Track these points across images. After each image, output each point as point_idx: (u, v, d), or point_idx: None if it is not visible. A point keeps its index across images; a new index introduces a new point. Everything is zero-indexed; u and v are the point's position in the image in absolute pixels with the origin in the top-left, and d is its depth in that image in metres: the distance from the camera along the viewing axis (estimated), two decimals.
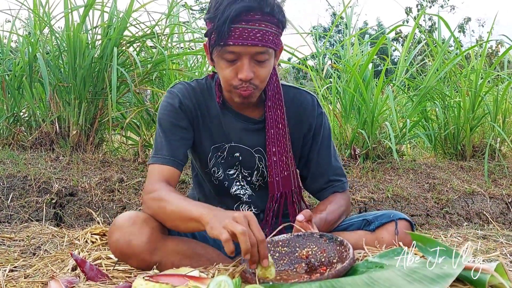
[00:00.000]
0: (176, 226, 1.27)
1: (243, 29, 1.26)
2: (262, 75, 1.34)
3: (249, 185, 1.55)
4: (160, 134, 1.45)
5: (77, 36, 2.85)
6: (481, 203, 2.85)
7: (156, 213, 1.30)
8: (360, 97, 3.22)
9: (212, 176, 1.53)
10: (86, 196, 2.45)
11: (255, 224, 1.06)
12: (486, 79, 3.58)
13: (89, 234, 1.91)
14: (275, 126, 1.46)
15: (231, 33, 1.26)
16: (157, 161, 1.40)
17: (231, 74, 1.32)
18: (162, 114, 1.46)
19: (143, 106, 3.10)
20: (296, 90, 1.56)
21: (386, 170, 3.11)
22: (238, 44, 1.26)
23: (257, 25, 1.27)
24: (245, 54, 1.28)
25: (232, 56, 1.29)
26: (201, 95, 1.49)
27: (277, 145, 1.46)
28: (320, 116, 1.56)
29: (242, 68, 1.29)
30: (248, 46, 1.27)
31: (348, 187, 1.61)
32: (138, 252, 1.25)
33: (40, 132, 2.96)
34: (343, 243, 1.13)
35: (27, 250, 1.78)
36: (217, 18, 1.26)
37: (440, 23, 3.81)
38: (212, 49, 1.33)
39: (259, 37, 1.27)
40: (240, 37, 1.26)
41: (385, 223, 1.46)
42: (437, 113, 3.75)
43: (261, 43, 1.28)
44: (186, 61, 3.55)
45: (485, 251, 2.03)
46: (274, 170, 1.47)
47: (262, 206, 1.56)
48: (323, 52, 3.95)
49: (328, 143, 1.58)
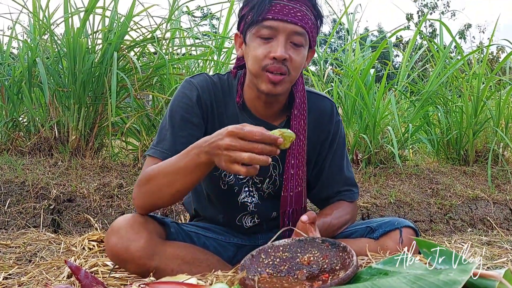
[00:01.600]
0: (180, 186, 1.19)
1: (285, 5, 1.23)
2: (296, 61, 1.27)
3: (258, 191, 1.48)
4: (167, 124, 1.37)
5: (77, 41, 2.83)
6: (484, 209, 2.81)
7: (150, 194, 1.23)
8: (361, 102, 3.19)
9: (222, 180, 1.46)
10: (85, 202, 2.42)
11: (245, 131, 1.03)
12: (488, 84, 3.55)
13: (86, 241, 1.88)
14: (298, 137, 1.38)
15: (271, 7, 1.23)
16: (155, 153, 1.33)
17: (264, 52, 1.25)
18: (176, 105, 1.38)
19: (144, 111, 3.08)
20: (316, 96, 1.50)
21: (388, 175, 3.08)
22: (278, 18, 1.23)
23: (299, 6, 1.25)
24: (282, 31, 1.24)
25: (269, 32, 1.24)
26: (221, 91, 1.41)
27: (297, 157, 1.39)
28: (337, 123, 1.51)
29: (276, 46, 1.24)
30: (287, 22, 1.23)
31: (357, 197, 1.55)
32: (136, 256, 1.21)
33: (39, 138, 2.93)
34: (346, 249, 1.09)
35: (22, 257, 1.75)
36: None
37: (442, 29, 3.79)
38: (246, 30, 1.29)
39: (299, 16, 1.24)
40: (281, 12, 1.23)
41: (389, 231, 1.41)
42: (439, 118, 3.72)
43: (300, 22, 1.24)
44: (188, 66, 3.53)
45: (490, 257, 1.99)
46: (290, 184, 1.40)
47: (266, 216, 1.52)
48: (324, 56, 3.93)
49: (341, 152, 1.52)
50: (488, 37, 3.93)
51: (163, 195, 1.23)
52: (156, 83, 3.15)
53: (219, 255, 1.43)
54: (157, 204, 1.28)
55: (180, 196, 1.24)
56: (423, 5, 25.67)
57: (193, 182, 1.20)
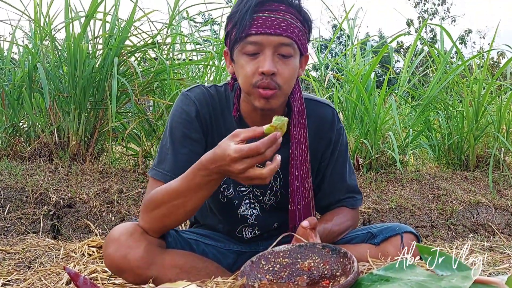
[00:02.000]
0: (192, 205, 1.17)
1: (267, 17, 1.19)
2: (286, 74, 1.22)
3: (259, 204, 1.46)
4: (168, 142, 1.34)
5: (77, 46, 2.83)
6: (486, 214, 2.80)
7: (161, 217, 1.21)
8: (362, 107, 3.19)
9: (221, 193, 1.44)
10: (84, 208, 2.41)
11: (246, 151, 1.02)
12: (489, 89, 3.55)
13: (86, 247, 1.87)
14: (299, 147, 1.34)
15: (253, 21, 1.19)
16: (156, 175, 1.31)
17: (252, 69, 1.21)
18: (175, 122, 1.34)
19: (144, 116, 3.08)
20: (316, 103, 1.46)
21: (389, 181, 3.07)
22: (261, 32, 1.18)
23: (282, 15, 1.20)
24: (268, 45, 1.19)
25: (254, 48, 1.20)
26: (219, 104, 1.38)
27: (300, 168, 1.35)
28: (339, 131, 1.47)
29: (264, 61, 1.19)
30: (271, 35, 1.18)
31: (360, 204, 1.52)
32: (134, 266, 1.19)
33: (39, 143, 2.93)
34: (347, 255, 1.08)
35: (21, 263, 1.74)
36: (238, 11, 1.20)
37: (443, 34, 3.79)
38: (233, 47, 1.25)
39: (283, 26, 1.20)
40: (263, 25, 1.18)
41: (390, 236, 1.38)
42: (440, 123, 3.72)
43: (285, 32, 1.19)
44: (188, 71, 3.53)
45: (492, 263, 1.98)
46: (297, 197, 1.36)
47: (266, 227, 1.50)
48: (325, 61, 3.93)
49: (343, 160, 1.49)
50: (489, 43, 3.95)
51: (176, 217, 1.21)
52: (156, 88, 3.15)
53: (218, 263, 1.41)
54: (170, 226, 1.26)
55: (193, 213, 1.23)
56: (423, 10, 25.75)
57: (205, 198, 1.18)
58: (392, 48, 3.56)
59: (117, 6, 3.06)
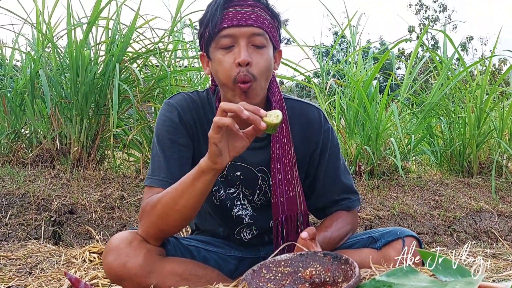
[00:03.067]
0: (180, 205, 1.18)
1: (236, 11, 1.24)
2: (261, 63, 1.25)
3: (250, 204, 1.46)
4: (158, 152, 1.34)
5: (79, 53, 2.84)
6: (489, 221, 2.79)
7: (158, 219, 1.21)
8: (364, 113, 3.19)
9: (213, 195, 1.44)
10: (86, 214, 2.41)
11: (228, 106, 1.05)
12: (491, 95, 3.55)
13: (87, 253, 1.87)
14: (280, 141, 1.35)
15: (224, 16, 1.23)
16: (152, 183, 1.30)
17: (229, 61, 1.24)
18: (161, 130, 1.35)
19: (146, 122, 3.08)
20: (302, 104, 1.46)
21: (391, 187, 3.06)
22: (233, 24, 1.22)
23: (251, 8, 1.25)
24: (241, 36, 1.23)
25: (228, 41, 1.24)
26: (202, 108, 1.39)
27: (282, 162, 1.35)
28: (327, 132, 1.46)
29: (239, 52, 1.23)
30: (243, 26, 1.23)
31: (358, 205, 1.50)
32: (133, 274, 1.18)
33: (41, 149, 2.93)
34: (348, 261, 1.07)
35: (23, 269, 1.74)
36: (208, 12, 1.25)
37: (445, 40, 3.79)
38: (208, 46, 1.28)
39: (253, 18, 1.24)
40: (234, 18, 1.23)
41: (392, 240, 1.38)
42: (442, 129, 3.71)
43: (256, 23, 1.24)
44: (190, 77, 3.54)
45: (495, 270, 1.97)
46: (279, 190, 1.35)
47: (264, 226, 1.48)
48: (326, 67, 3.93)
49: (335, 160, 1.47)
50: (490, 50, 3.94)
51: (170, 220, 1.21)
52: (158, 94, 3.16)
53: (219, 269, 1.40)
54: (166, 231, 1.25)
55: (187, 216, 1.22)
56: (424, 17, 25.81)
57: (197, 195, 1.18)
58: (393, 53, 3.56)
59: (119, 12, 3.08)
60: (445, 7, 25.66)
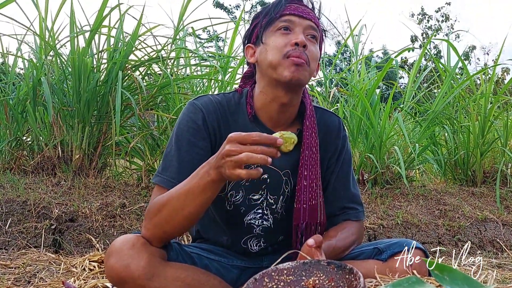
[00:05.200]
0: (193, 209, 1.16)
1: (298, 6, 1.34)
2: (314, 52, 1.33)
3: (272, 214, 1.43)
4: (173, 149, 1.33)
5: (82, 60, 2.84)
6: (494, 231, 2.75)
7: (163, 222, 1.19)
8: (367, 121, 3.17)
9: (227, 200, 1.41)
10: (87, 222, 2.38)
11: (243, 135, 1.05)
12: (495, 103, 3.53)
13: (87, 261, 1.84)
14: (310, 149, 1.37)
15: (287, 6, 1.33)
16: (161, 182, 1.29)
17: (285, 40, 1.30)
18: (182, 130, 1.34)
19: (148, 130, 3.06)
20: (323, 111, 1.49)
21: (395, 196, 3.03)
22: (295, 13, 1.32)
23: (309, 9, 1.36)
24: (299, 25, 1.31)
25: (287, 25, 1.31)
26: (228, 109, 1.39)
27: (309, 169, 1.36)
28: (344, 138, 1.49)
29: (297, 34, 1.30)
30: (303, 18, 1.32)
31: (363, 217, 1.50)
32: (135, 277, 1.16)
33: (42, 157, 2.92)
34: (352, 271, 1.05)
35: (21, 278, 1.71)
36: (270, 4, 1.36)
37: (449, 49, 3.78)
38: (263, 32, 1.35)
39: (311, 15, 1.35)
40: (296, 10, 1.33)
41: (398, 252, 1.36)
42: (446, 138, 3.69)
43: (314, 19, 1.34)
44: (192, 85, 3.53)
45: (501, 280, 1.94)
46: (303, 196, 1.36)
47: (273, 240, 1.47)
48: (330, 76, 3.92)
49: (347, 168, 1.49)
50: (493, 59, 3.92)
51: (176, 223, 1.19)
52: (160, 102, 3.15)
53: (221, 278, 1.38)
54: (170, 233, 1.23)
55: (193, 220, 1.21)
56: (427, 27, 25.85)
57: (205, 203, 1.17)
58: (397, 61, 3.55)
59: (122, 20, 3.08)
60: (448, 16, 25.71)
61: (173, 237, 1.27)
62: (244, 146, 1.04)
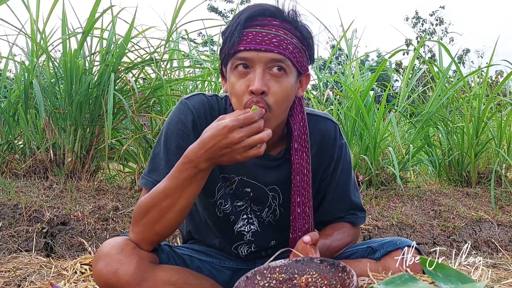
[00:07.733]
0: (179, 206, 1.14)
1: (257, 33, 1.13)
2: (278, 93, 1.14)
3: (257, 218, 1.41)
4: (161, 152, 1.28)
5: (74, 62, 2.81)
6: (489, 231, 2.75)
7: (152, 223, 1.16)
8: (362, 123, 3.16)
9: (217, 208, 1.38)
10: (79, 225, 2.36)
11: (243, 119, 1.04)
12: (488, 104, 3.53)
13: (78, 265, 1.82)
14: (301, 173, 1.29)
15: (242, 37, 1.13)
16: (147, 184, 1.25)
17: (242, 87, 1.14)
18: (171, 131, 1.29)
19: (141, 133, 3.04)
20: (318, 118, 1.39)
21: (390, 197, 3.02)
22: (250, 48, 1.12)
23: (274, 30, 1.14)
24: (258, 62, 1.13)
25: (244, 65, 1.14)
26: (219, 114, 1.28)
27: (302, 194, 1.30)
28: (340, 147, 1.40)
29: (253, 79, 1.12)
30: (261, 51, 1.12)
31: (362, 222, 1.47)
32: (124, 282, 1.13)
33: (34, 160, 2.89)
34: (345, 269, 1.03)
35: (11, 282, 1.69)
36: (229, 27, 1.16)
37: (441, 50, 3.79)
38: (225, 65, 1.20)
39: (275, 42, 1.13)
40: (253, 41, 1.13)
41: (391, 251, 1.34)
42: (440, 139, 3.69)
43: (277, 49, 1.12)
44: (186, 87, 3.51)
45: (496, 280, 1.93)
46: (298, 224, 1.31)
47: (265, 244, 1.44)
48: (324, 78, 3.92)
49: (346, 178, 1.43)
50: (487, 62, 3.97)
51: (167, 221, 1.17)
52: (153, 104, 3.13)
53: (213, 279, 1.36)
54: (162, 233, 1.20)
55: (184, 215, 1.18)
56: (421, 31, 25.98)
57: (196, 193, 1.15)
58: (390, 62, 3.55)
59: (114, 22, 3.06)
60: (442, 20, 25.86)
61: (164, 238, 1.24)
62: (248, 128, 1.03)
